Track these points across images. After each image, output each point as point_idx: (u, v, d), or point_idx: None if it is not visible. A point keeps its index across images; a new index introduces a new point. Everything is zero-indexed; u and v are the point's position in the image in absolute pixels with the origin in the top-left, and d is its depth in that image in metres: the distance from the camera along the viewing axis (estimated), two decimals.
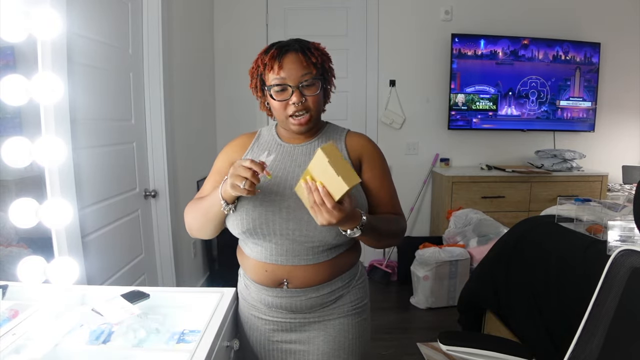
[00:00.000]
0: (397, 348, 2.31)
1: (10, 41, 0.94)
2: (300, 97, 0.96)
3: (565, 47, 3.41)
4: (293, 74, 0.96)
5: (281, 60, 0.96)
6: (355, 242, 1.09)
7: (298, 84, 0.96)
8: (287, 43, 0.99)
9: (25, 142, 0.95)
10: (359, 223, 0.88)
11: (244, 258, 1.07)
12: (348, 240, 1.00)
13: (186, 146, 2.54)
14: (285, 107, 0.98)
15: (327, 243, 0.97)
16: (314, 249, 0.98)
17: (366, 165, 1.05)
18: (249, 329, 1.10)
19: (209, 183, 1.08)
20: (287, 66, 0.95)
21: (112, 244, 1.82)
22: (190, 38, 2.77)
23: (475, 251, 2.79)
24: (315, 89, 0.99)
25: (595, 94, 3.50)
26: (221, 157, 1.10)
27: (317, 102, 1.00)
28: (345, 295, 1.07)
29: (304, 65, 0.96)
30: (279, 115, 1.01)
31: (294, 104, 0.96)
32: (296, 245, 0.97)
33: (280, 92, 0.97)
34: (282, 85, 0.96)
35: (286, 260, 0.98)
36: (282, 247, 0.98)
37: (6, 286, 1.03)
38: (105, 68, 1.79)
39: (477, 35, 3.33)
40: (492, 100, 3.40)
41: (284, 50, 0.97)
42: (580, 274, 1.50)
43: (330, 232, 0.95)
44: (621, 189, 3.46)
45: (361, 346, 1.10)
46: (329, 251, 1.00)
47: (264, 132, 1.12)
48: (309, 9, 3.32)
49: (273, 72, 0.96)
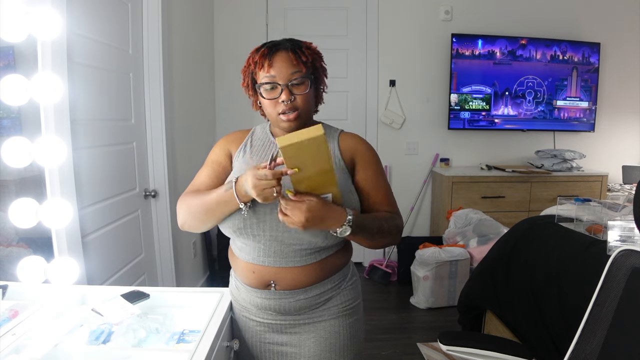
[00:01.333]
0: (397, 348, 2.31)
1: (10, 41, 0.94)
2: (290, 96, 0.96)
3: (563, 46, 3.40)
4: (283, 72, 0.96)
5: (272, 59, 0.96)
6: (346, 244, 1.09)
7: (287, 82, 0.96)
8: (278, 42, 1.00)
9: (25, 142, 0.95)
10: (344, 221, 0.88)
11: (234, 259, 1.07)
12: (338, 241, 1.00)
13: (186, 146, 2.55)
14: (275, 105, 0.98)
15: (316, 245, 0.97)
16: (302, 251, 0.98)
17: (359, 165, 1.05)
18: (242, 330, 1.10)
19: (204, 173, 1.07)
20: (277, 64, 0.96)
21: (112, 244, 1.82)
22: (190, 38, 2.77)
23: (475, 251, 2.79)
24: (305, 88, 0.98)
25: (591, 94, 3.49)
26: (216, 149, 1.10)
27: (306, 101, 1.00)
28: (335, 297, 1.06)
29: (294, 64, 0.96)
30: (270, 114, 1.01)
31: (283, 102, 0.96)
32: (284, 247, 0.97)
33: (270, 91, 0.97)
34: (272, 83, 0.96)
35: (273, 261, 0.98)
36: (270, 248, 0.98)
37: (6, 286, 1.03)
38: (105, 68, 1.79)
39: (476, 35, 3.33)
40: (485, 100, 3.39)
41: (275, 49, 0.97)
42: (580, 274, 1.50)
43: (319, 234, 0.95)
44: (621, 189, 3.46)
45: (354, 347, 1.09)
46: (317, 253, 1.00)
47: (258, 130, 1.13)
48: (309, 9, 3.32)
49: (263, 70, 0.97)
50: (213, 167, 1.07)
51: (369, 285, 3.17)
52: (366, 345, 2.02)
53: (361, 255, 3.53)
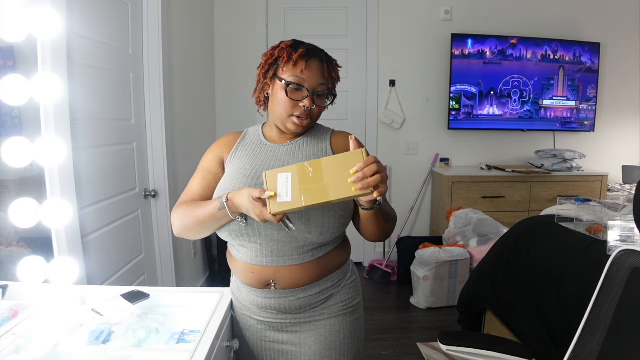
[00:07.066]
0: (397, 348, 2.31)
1: (10, 41, 0.94)
2: (312, 103, 0.98)
3: (554, 45, 3.39)
4: (312, 80, 0.97)
5: (308, 61, 0.97)
6: (344, 241, 1.09)
7: (314, 90, 0.98)
8: (313, 48, 1.02)
9: (25, 142, 0.95)
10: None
11: (232, 260, 1.08)
12: (334, 238, 1.01)
13: (186, 146, 2.55)
14: (293, 106, 0.98)
15: (311, 242, 0.98)
16: (299, 249, 0.98)
17: None
18: (243, 328, 1.10)
19: (196, 182, 1.08)
20: (311, 70, 0.97)
21: (112, 244, 1.82)
22: (190, 38, 2.77)
23: (475, 251, 2.79)
24: (324, 102, 1.02)
25: (578, 93, 3.48)
26: (207, 156, 1.11)
27: (319, 113, 1.03)
28: (335, 295, 1.07)
29: (325, 77, 0.99)
30: (280, 110, 1.00)
31: (304, 107, 0.98)
32: (281, 246, 0.97)
33: (295, 91, 0.98)
34: (300, 85, 0.97)
35: (272, 261, 0.99)
36: (267, 248, 0.98)
37: (6, 286, 1.04)
38: (105, 68, 1.79)
39: (476, 36, 3.32)
40: (480, 99, 3.40)
41: (312, 54, 0.99)
42: (580, 274, 1.49)
43: (314, 231, 0.95)
44: (621, 189, 3.46)
45: (354, 346, 1.09)
46: (315, 251, 1.00)
47: (250, 132, 1.13)
48: (309, 9, 3.32)
49: (295, 69, 0.97)
50: (204, 175, 1.08)
51: (369, 285, 3.17)
52: (366, 345, 2.02)
53: (361, 255, 3.53)
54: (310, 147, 1.05)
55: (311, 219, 0.95)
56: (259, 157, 1.05)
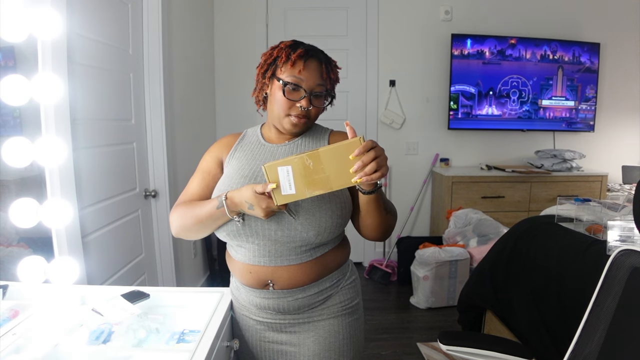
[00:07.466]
0: (397, 348, 2.31)
1: (10, 41, 0.94)
2: (309, 104, 0.98)
3: (553, 46, 3.39)
4: (310, 80, 0.98)
5: (306, 62, 0.97)
6: (343, 241, 1.09)
7: (311, 91, 0.98)
8: (312, 48, 1.01)
9: (25, 142, 0.95)
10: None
11: (231, 261, 1.08)
12: (332, 238, 1.01)
13: (186, 146, 2.55)
14: (289, 106, 0.99)
15: (309, 242, 0.97)
16: (297, 249, 0.98)
17: None
18: (243, 329, 1.10)
19: (195, 182, 1.08)
20: (309, 70, 0.97)
21: (112, 244, 1.82)
22: (190, 38, 2.77)
23: (475, 251, 2.79)
24: (322, 102, 1.02)
25: (577, 93, 3.48)
26: (206, 157, 1.11)
27: (317, 114, 1.03)
28: (334, 296, 1.06)
29: (323, 77, 0.99)
30: (277, 110, 1.01)
31: (301, 107, 0.98)
32: (278, 246, 0.97)
33: (292, 91, 0.98)
34: (297, 85, 0.97)
35: (269, 261, 0.99)
36: (265, 248, 0.98)
37: (6, 286, 1.04)
38: (105, 68, 1.79)
39: (475, 36, 3.32)
40: (479, 100, 3.39)
41: (311, 54, 0.99)
42: (580, 274, 1.50)
43: (311, 230, 0.95)
44: (621, 189, 3.46)
45: (353, 347, 1.09)
46: (313, 251, 1.00)
47: (249, 133, 1.13)
48: (309, 9, 3.32)
49: (293, 69, 0.97)
50: (203, 176, 1.09)
51: (369, 285, 3.17)
52: (366, 345, 2.02)
53: (361, 255, 3.53)
54: (309, 147, 1.05)
55: (309, 219, 0.95)
56: (257, 157, 1.05)
